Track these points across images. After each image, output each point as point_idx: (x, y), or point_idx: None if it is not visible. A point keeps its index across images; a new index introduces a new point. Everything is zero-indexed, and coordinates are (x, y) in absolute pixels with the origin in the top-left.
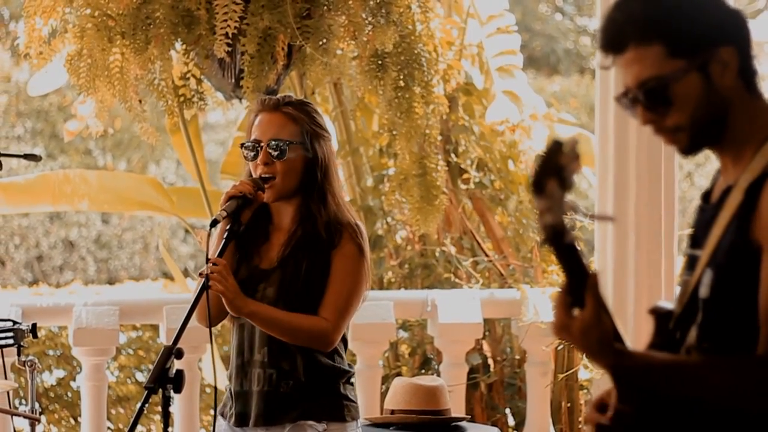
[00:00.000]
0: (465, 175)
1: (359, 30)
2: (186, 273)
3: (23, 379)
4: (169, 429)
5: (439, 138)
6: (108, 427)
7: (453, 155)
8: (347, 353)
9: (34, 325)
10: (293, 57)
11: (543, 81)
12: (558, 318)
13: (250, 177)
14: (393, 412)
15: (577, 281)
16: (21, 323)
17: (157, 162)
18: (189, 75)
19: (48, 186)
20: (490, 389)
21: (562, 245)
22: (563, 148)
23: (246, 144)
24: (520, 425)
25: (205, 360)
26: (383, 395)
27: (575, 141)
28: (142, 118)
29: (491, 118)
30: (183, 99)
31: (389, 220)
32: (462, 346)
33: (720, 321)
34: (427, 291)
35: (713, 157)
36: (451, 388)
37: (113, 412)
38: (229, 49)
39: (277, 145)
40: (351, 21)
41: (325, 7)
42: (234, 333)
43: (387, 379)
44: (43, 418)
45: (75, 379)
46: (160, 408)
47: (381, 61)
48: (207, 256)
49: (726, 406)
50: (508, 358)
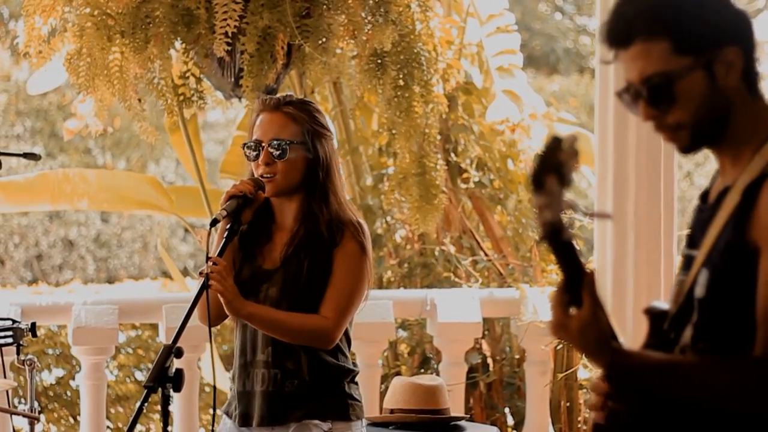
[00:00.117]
0: (464, 175)
1: (358, 29)
2: (185, 272)
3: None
4: (169, 428)
5: (439, 137)
6: (107, 426)
7: (452, 154)
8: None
9: (33, 324)
10: (293, 56)
11: (542, 80)
12: (555, 317)
13: (250, 176)
14: (392, 411)
15: (574, 279)
16: (20, 322)
17: (157, 161)
18: (188, 74)
19: (47, 185)
20: (489, 388)
21: (559, 242)
22: (562, 144)
23: (247, 144)
24: (519, 424)
25: (205, 359)
26: (382, 394)
27: (574, 138)
28: (141, 117)
29: (491, 117)
30: (182, 98)
31: (388, 219)
32: (461, 345)
33: (715, 321)
34: (427, 290)
35: (713, 157)
36: (451, 387)
37: (112, 411)
38: (229, 48)
39: (278, 145)
40: (350, 20)
41: (325, 6)
42: (237, 333)
43: (386, 379)
44: (43, 417)
45: (74, 378)
46: (159, 407)
47: (380, 60)
48: (207, 255)
49: (722, 406)
50: (507, 357)
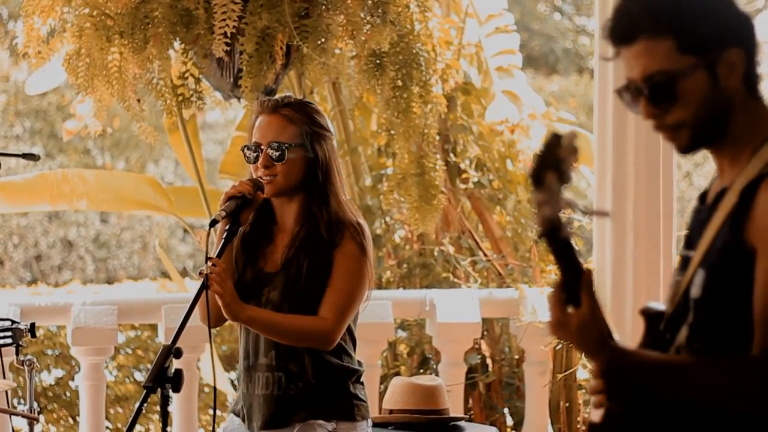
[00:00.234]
0: (463, 175)
1: (357, 29)
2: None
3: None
4: (168, 428)
5: (438, 137)
6: (106, 427)
7: (451, 155)
8: None
9: (32, 325)
10: (292, 56)
11: (542, 80)
12: (555, 315)
13: (250, 177)
14: (391, 411)
15: (571, 277)
16: (19, 322)
17: (156, 161)
18: (187, 74)
19: (46, 185)
20: (488, 389)
21: (557, 240)
22: (562, 141)
23: (247, 147)
24: (518, 425)
25: (204, 359)
26: (381, 395)
27: (574, 135)
28: (140, 117)
29: (491, 117)
30: (181, 98)
31: (388, 219)
32: (460, 345)
33: (711, 321)
34: (426, 290)
35: (711, 157)
36: (450, 387)
37: (112, 411)
38: (228, 49)
39: (277, 148)
40: (349, 20)
41: (324, 7)
42: (241, 336)
43: (385, 379)
44: (42, 417)
45: (73, 379)
46: (158, 407)
47: (379, 61)
48: (207, 256)
49: (718, 406)
50: (506, 357)
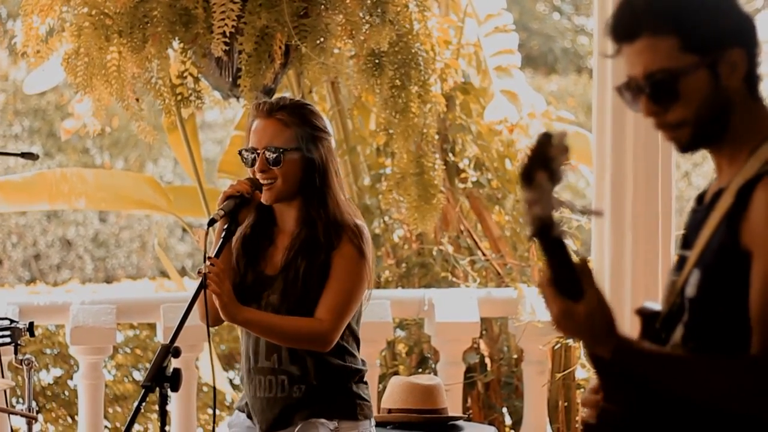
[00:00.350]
0: (462, 174)
1: (356, 29)
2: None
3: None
4: (167, 428)
5: (437, 137)
6: (105, 426)
7: (450, 154)
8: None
9: (31, 324)
10: (290, 56)
11: (540, 80)
12: (559, 306)
13: (248, 176)
14: (390, 411)
15: (565, 275)
16: (18, 322)
17: (155, 161)
18: (186, 74)
19: (45, 184)
20: (487, 388)
21: (549, 238)
22: (552, 140)
23: (245, 150)
24: (517, 424)
25: (203, 359)
26: (380, 394)
27: (564, 134)
28: (139, 116)
29: (490, 117)
30: (180, 98)
31: (386, 219)
32: (459, 345)
33: (705, 321)
34: (424, 290)
35: (711, 157)
36: (448, 387)
37: (110, 410)
38: (227, 48)
39: (272, 153)
40: (348, 20)
41: (322, 6)
42: (242, 337)
43: (384, 378)
44: (40, 416)
45: (72, 378)
46: (157, 407)
47: (378, 60)
48: (205, 255)
49: (715, 404)
50: (505, 357)
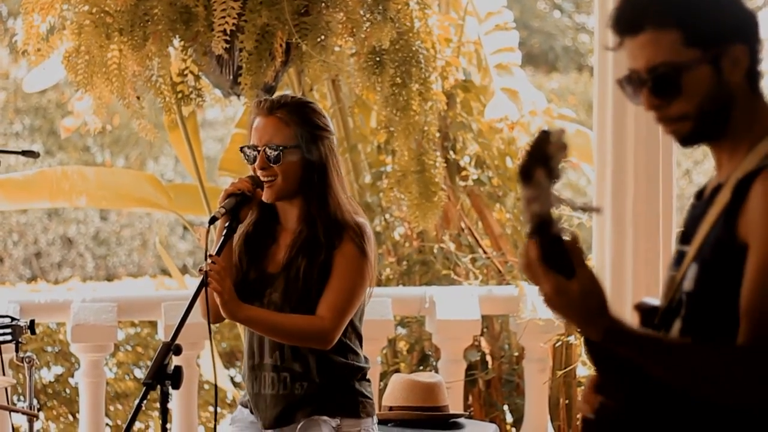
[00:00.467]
0: (463, 172)
1: (357, 27)
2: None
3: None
4: (168, 425)
5: (437, 135)
6: (106, 424)
7: (451, 152)
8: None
9: (32, 322)
10: (291, 54)
11: (541, 78)
12: (552, 282)
13: (249, 175)
14: (391, 408)
15: (563, 271)
16: (19, 319)
17: (156, 159)
18: (187, 72)
19: (46, 182)
20: (488, 386)
21: (548, 236)
22: (551, 137)
23: (246, 147)
24: (518, 422)
25: (204, 356)
26: (381, 392)
27: (563, 131)
28: (140, 114)
29: (490, 115)
30: (181, 96)
31: (387, 216)
32: (460, 342)
33: (703, 315)
34: (426, 288)
35: (711, 156)
36: (449, 384)
37: (111, 408)
38: (227, 46)
39: (272, 151)
40: (349, 18)
41: (323, 4)
42: (245, 334)
43: (385, 376)
44: (41, 414)
45: (73, 376)
46: (158, 404)
47: (379, 58)
48: (206, 253)
49: (698, 391)
50: (506, 354)
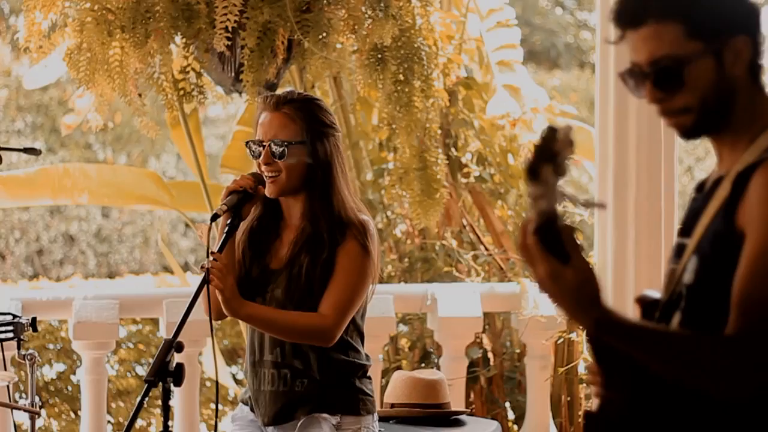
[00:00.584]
0: (465, 169)
1: (359, 24)
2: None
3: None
4: (170, 423)
5: (439, 132)
6: (108, 421)
7: (453, 149)
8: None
9: (33, 319)
10: (293, 51)
11: (543, 75)
12: (547, 266)
13: (251, 172)
14: (393, 405)
15: (559, 256)
16: (21, 317)
17: (157, 156)
18: (189, 69)
19: (48, 180)
20: (489, 383)
21: (554, 232)
22: (558, 134)
23: (252, 142)
24: (519, 419)
25: (206, 354)
26: (383, 389)
27: (569, 128)
28: (141, 112)
29: (492, 112)
30: (183, 93)
31: (389, 213)
32: (462, 339)
33: (702, 307)
34: (427, 285)
35: (713, 152)
36: (451, 381)
37: (113, 405)
38: (229, 43)
39: (278, 146)
40: (350, 15)
41: (325, 1)
42: (247, 331)
43: (387, 373)
44: (43, 411)
45: (75, 373)
46: (160, 401)
47: (381, 55)
48: (208, 250)
49: (689, 382)
50: (507, 351)
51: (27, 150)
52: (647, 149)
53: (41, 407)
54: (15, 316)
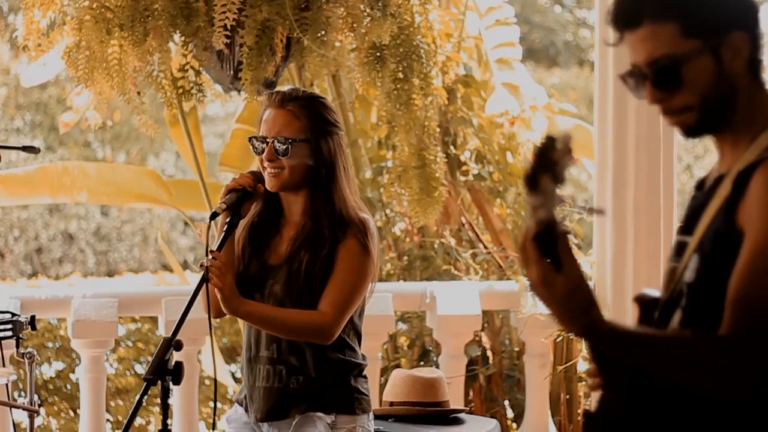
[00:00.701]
0: (464, 167)
1: (357, 22)
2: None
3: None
4: (169, 421)
5: (438, 130)
6: (107, 419)
7: (451, 147)
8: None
9: (32, 317)
10: (292, 49)
11: (542, 73)
12: (541, 270)
13: (250, 170)
14: (392, 403)
15: (554, 261)
16: (20, 315)
17: (156, 154)
18: (188, 67)
19: (47, 178)
20: (488, 381)
21: (552, 237)
22: (556, 143)
23: (255, 138)
24: (518, 417)
25: (205, 352)
26: (382, 387)
27: (569, 136)
28: (140, 110)
29: (491, 110)
30: (181, 91)
31: (388, 212)
32: (461, 338)
33: (703, 306)
34: (426, 283)
35: (712, 150)
36: (450, 380)
37: (112, 404)
38: (228, 41)
39: (281, 143)
40: (349, 13)
41: None
42: (244, 326)
43: (386, 371)
44: (42, 410)
45: (74, 371)
46: (159, 400)
47: (379, 53)
48: (207, 248)
49: (684, 383)
50: (506, 350)
51: (26, 148)
52: (646, 147)
53: (40, 406)
54: (14, 314)
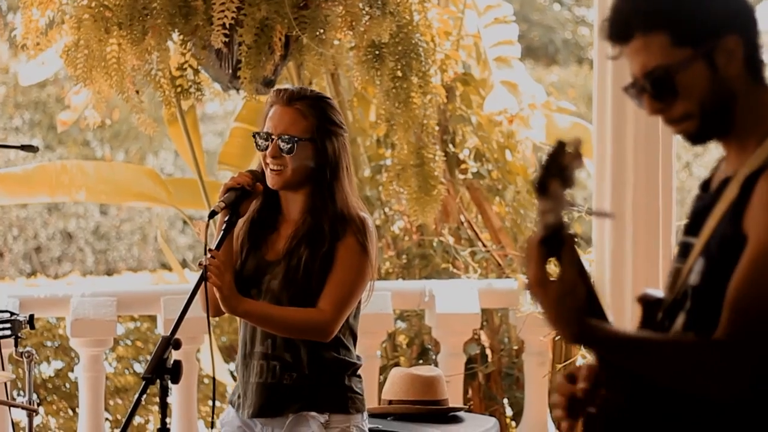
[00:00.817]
0: (462, 166)
1: (356, 20)
2: (184, 264)
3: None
4: (167, 420)
5: (437, 128)
6: (106, 418)
7: (450, 145)
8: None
9: (31, 316)
10: (290, 47)
11: (541, 71)
12: (537, 272)
13: (249, 169)
14: (391, 402)
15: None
16: (18, 314)
17: (155, 153)
18: (186, 65)
19: (46, 177)
20: (487, 379)
21: (558, 240)
22: (567, 148)
23: (258, 134)
24: (517, 415)
25: (204, 351)
26: (381, 385)
27: (579, 141)
28: (139, 109)
29: (490, 108)
30: (180, 90)
31: (387, 210)
32: (460, 336)
33: (707, 309)
34: (425, 281)
35: (711, 148)
36: (449, 378)
37: (111, 403)
38: (227, 40)
39: (287, 141)
40: (348, 11)
41: None
42: (240, 323)
43: (385, 370)
44: (41, 409)
45: (73, 370)
46: (158, 399)
47: (378, 52)
48: (206, 247)
49: (679, 386)
50: (505, 348)
51: (24, 147)
52: (645, 146)
53: (39, 405)
54: (12, 313)
